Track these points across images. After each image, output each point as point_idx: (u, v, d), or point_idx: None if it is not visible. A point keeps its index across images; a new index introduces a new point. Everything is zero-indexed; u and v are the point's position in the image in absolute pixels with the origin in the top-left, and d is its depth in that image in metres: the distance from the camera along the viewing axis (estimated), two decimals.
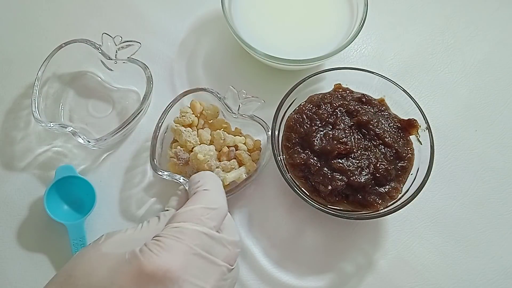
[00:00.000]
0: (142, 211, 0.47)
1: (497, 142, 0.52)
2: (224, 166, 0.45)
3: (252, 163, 0.45)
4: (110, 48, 0.49)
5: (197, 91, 0.47)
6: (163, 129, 0.46)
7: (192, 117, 0.46)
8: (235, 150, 0.46)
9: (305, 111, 0.45)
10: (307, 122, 0.44)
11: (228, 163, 0.45)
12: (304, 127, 0.44)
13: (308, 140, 0.43)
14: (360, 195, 0.42)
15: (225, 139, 0.45)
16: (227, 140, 0.45)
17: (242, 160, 0.45)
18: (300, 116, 0.45)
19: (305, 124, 0.44)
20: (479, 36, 0.58)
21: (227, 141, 0.45)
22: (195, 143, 0.45)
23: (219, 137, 0.45)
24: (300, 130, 0.44)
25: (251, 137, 0.47)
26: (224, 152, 0.45)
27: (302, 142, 0.44)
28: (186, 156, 0.44)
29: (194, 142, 0.45)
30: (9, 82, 0.53)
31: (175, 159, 0.44)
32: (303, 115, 0.45)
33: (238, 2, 0.53)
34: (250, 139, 0.47)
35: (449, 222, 0.48)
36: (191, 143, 0.44)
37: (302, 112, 0.45)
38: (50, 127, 0.45)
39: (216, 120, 0.48)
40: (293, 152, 0.44)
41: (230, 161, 0.45)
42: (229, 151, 0.45)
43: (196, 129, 0.47)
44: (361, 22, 0.49)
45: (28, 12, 0.58)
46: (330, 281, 0.45)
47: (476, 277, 0.45)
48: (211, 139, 0.46)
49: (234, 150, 0.46)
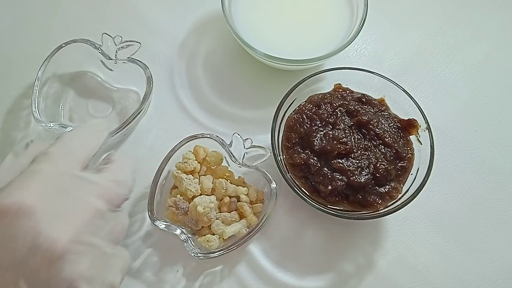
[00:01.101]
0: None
1: (497, 142, 0.52)
2: (224, 218, 0.43)
3: (253, 217, 0.44)
4: (110, 48, 0.49)
5: (201, 138, 0.45)
6: (163, 174, 0.44)
7: (194, 163, 0.44)
8: (237, 201, 0.44)
9: (305, 111, 0.45)
10: (307, 122, 0.44)
11: (228, 215, 0.43)
12: (304, 127, 0.44)
13: (308, 140, 0.43)
14: (360, 195, 0.42)
15: (227, 188, 0.43)
16: (229, 190, 0.44)
17: (244, 213, 0.44)
18: (300, 116, 0.45)
19: (305, 124, 0.44)
20: (479, 36, 0.58)
21: (229, 191, 0.44)
22: (195, 192, 0.43)
23: (221, 186, 0.43)
24: (300, 130, 0.44)
25: (255, 187, 0.45)
26: (225, 202, 0.44)
27: (302, 142, 0.44)
28: (185, 206, 0.43)
29: (194, 191, 0.43)
30: (9, 82, 0.53)
31: (174, 208, 0.43)
32: (303, 115, 0.45)
33: (238, 2, 0.53)
34: (253, 190, 0.45)
35: (449, 222, 0.48)
36: (191, 191, 0.42)
37: (302, 112, 0.45)
38: (50, 127, 0.45)
39: (219, 168, 0.46)
40: (293, 152, 0.44)
41: (231, 213, 0.44)
42: (230, 201, 0.44)
43: (198, 176, 0.45)
44: (361, 22, 0.49)
45: (28, 12, 0.58)
46: (330, 281, 0.44)
47: (476, 277, 0.45)
48: (213, 187, 0.44)
49: (235, 201, 0.44)
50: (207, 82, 0.54)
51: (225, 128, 0.51)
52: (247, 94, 0.53)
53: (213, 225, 0.43)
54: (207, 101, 0.53)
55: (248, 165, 0.45)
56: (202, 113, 0.52)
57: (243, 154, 0.45)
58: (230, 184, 0.44)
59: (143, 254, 0.45)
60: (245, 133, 0.47)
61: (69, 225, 0.29)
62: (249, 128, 0.51)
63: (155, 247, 0.45)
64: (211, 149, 0.46)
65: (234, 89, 0.53)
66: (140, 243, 0.45)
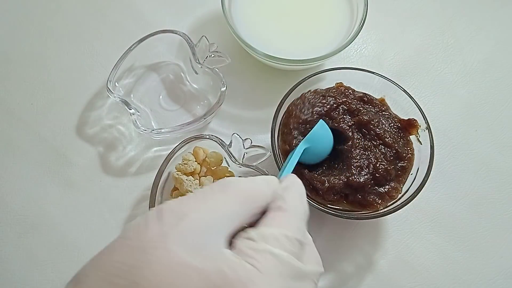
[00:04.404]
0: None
1: (497, 142, 0.52)
2: None
3: None
4: (204, 51, 0.50)
5: (201, 139, 0.45)
6: (163, 176, 0.44)
7: (194, 164, 0.44)
8: None
9: (308, 98, 0.44)
10: (309, 108, 0.44)
11: None
12: (305, 113, 0.43)
13: (305, 128, 0.43)
14: (359, 195, 0.42)
15: None
16: None
17: None
18: (302, 102, 0.44)
19: (306, 110, 0.43)
20: (479, 36, 0.58)
21: None
22: None
23: None
24: (299, 115, 0.43)
25: None
26: None
27: (299, 127, 0.43)
28: None
29: None
30: (9, 82, 0.54)
31: None
32: (305, 101, 0.44)
33: (238, 2, 0.53)
34: None
35: (449, 222, 0.48)
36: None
37: (304, 99, 0.44)
38: (114, 97, 0.47)
39: (219, 168, 0.46)
40: (291, 138, 0.43)
41: None
42: None
43: (198, 177, 0.45)
44: (361, 22, 0.49)
45: (28, 12, 0.58)
46: (330, 281, 0.44)
47: (476, 277, 0.45)
48: None
49: None
50: (206, 82, 0.54)
51: (225, 128, 0.51)
52: (247, 94, 0.53)
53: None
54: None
55: (248, 165, 0.45)
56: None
57: (243, 154, 0.45)
58: None
59: None
60: (245, 133, 0.47)
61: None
62: (249, 128, 0.51)
63: None
64: (210, 150, 0.46)
65: (233, 89, 0.53)
66: None
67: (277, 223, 0.26)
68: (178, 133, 0.48)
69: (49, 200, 0.48)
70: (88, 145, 0.50)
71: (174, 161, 0.45)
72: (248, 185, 0.26)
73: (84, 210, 0.47)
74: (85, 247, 0.45)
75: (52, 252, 0.45)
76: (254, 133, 0.51)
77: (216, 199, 0.25)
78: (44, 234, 0.46)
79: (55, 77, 0.54)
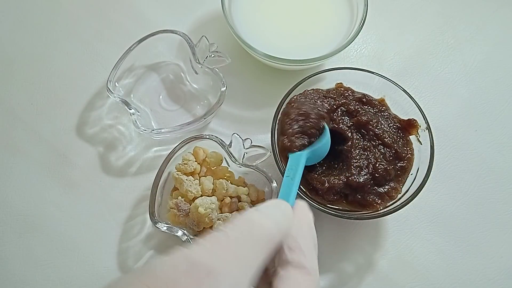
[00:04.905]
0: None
1: (497, 142, 0.52)
2: (226, 219, 0.43)
3: None
4: (204, 51, 0.50)
5: (201, 139, 0.45)
6: (163, 176, 0.44)
7: (194, 164, 0.44)
8: (238, 202, 0.44)
9: (309, 94, 0.44)
10: (310, 102, 0.44)
11: (229, 215, 0.43)
12: (306, 106, 0.43)
13: (304, 122, 0.43)
14: (359, 195, 0.42)
15: (227, 189, 0.43)
16: (229, 190, 0.43)
17: None
18: (303, 96, 0.44)
19: (307, 104, 0.43)
20: (479, 36, 0.58)
21: (229, 191, 0.43)
22: (196, 193, 0.43)
23: (222, 187, 0.43)
24: (300, 107, 0.43)
25: (255, 187, 0.45)
26: (226, 203, 0.43)
27: (297, 119, 0.43)
28: (186, 207, 0.43)
29: (195, 192, 0.43)
30: (9, 82, 0.54)
31: (176, 210, 0.43)
32: (306, 96, 0.44)
33: (238, 2, 0.53)
34: (254, 189, 0.45)
35: (449, 222, 0.48)
36: (192, 193, 0.43)
37: (306, 95, 0.44)
38: (114, 97, 0.47)
39: (219, 168, 0.46)
40: (291, 132, 0.42)
41: (232, 213, 0.43)
42: (232, 202, 0.44)
43: (198, 177, 0.45)
44: (361, 22, 0.49)
45: (28, 12, 0.58)
46: (330, 281, 0.44)
47: (476, 277, 0.45)
48: (213, 188, 0.44)
49: (236, 202, 0.44)
50: (206, 82, 0.54)
51: (225, 128, 0.51)
52: (247, 94, 0.53)
53: (215, 226, 0.42)
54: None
55: (248, 165, 0.45)
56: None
57: (243, 154, 0.45)
58: (231, 184, 0.44)
59: (144, 256, 0.45)
60: (245, 133, 0.47)
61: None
62: (249, 128, 0.51)
63: (157, 250, 0.45)
64: (210, 150, 0.46)
65: (233, 89, 0.53)
66: (141, 245, 0.45)
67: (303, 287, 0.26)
68: (178, 133, 0.48)
69: (49, 200, 0.48)
70: (88, 145, 0.50)
71: (174, 161, 0.45)
72: (269, 224, 0.26)
73: (84, 210, 0.47)
74: (85, 247, 0.45)
75: (52, 252, 0.45)
76: (254, 133, 0.51)
77: (244, 246, 0.25)
78: (44, 234, 0.46)
79: (55, 77, 0.54)
